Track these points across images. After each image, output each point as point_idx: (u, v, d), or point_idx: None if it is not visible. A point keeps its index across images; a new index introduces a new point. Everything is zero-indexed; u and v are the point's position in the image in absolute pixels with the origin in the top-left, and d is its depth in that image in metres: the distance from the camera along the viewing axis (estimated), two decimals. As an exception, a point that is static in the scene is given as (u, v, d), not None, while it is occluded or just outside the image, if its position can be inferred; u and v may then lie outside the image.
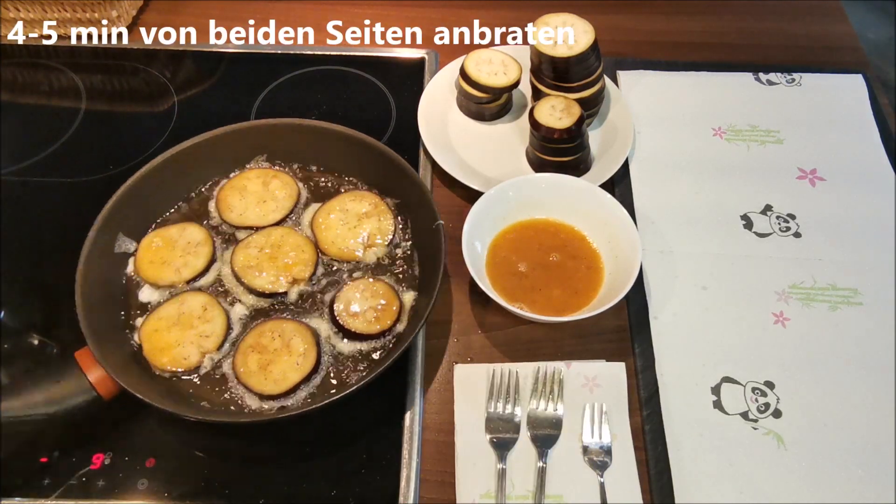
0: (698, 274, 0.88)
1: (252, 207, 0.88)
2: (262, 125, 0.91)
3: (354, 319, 0.78)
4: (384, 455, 0.74)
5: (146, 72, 1.12)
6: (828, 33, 1.19)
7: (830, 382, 0.79)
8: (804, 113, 1.06)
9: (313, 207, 0.89)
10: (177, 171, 0.87)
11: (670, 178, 0.98)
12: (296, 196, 0.90)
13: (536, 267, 0.86)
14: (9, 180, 0.98)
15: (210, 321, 0.78)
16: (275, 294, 0.81)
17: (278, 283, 0.81)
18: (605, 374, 0.79)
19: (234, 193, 0.89)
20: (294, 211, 0.89)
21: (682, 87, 1.09)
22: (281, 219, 0.88)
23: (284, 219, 0.88)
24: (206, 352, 0.77)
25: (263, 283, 0.81)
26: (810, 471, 0.73)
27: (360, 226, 0.86)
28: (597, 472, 0.73)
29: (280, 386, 0.73)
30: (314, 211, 0.88)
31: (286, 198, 0.89)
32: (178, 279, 0.82)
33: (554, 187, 0.89)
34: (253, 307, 0.81)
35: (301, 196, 0.90)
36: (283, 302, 0.81)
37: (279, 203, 0.89)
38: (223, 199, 0.89)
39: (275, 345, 0.76)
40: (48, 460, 0.73)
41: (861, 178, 0.98)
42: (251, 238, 0.85)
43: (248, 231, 0.87)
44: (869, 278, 0.87)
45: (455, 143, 1.02)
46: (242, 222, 0.87)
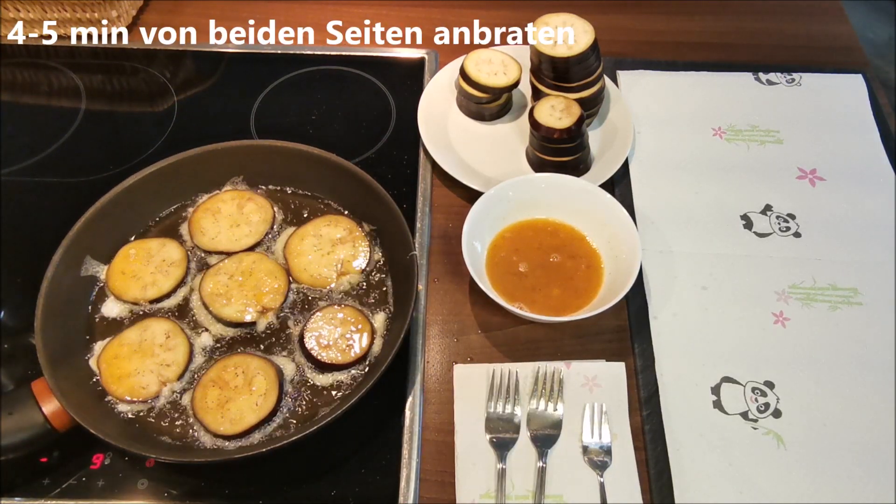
0: (698, 274, 0.88)
1: (225, 231, 0.87)
2: (237, 146, 0.90)
3: (328, 351, 0.76)
4: (384, 455, 0.74)
5: (146, 72, 1.12)
6: (828, 33, 1.19)
7: (830, 382, 0.79)
8: (804, 113, 1.06)
9: (287, 231, 0.88)
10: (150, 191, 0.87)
11: (670, 178, 0.98)
12: (270, 220, 0.88)
13: (536, 267, 0.86)
14: (9, 180, 0.98)
15: (172, 350, 0.77)
16: (242, 324, 0.80)
17: (246, 313, 0.79)
18: (604, 374, 0.79)
19: (208, 216, 0.87)
20: (267, 235, 0.87)
21: (682, 87, 1.09)
22: (254, 244, 0.86)
23: (258, 243, 0.87)
24: (167, 381, 0.75)
25: (231, 313, 0.79)
26: (810, 471, 0.73)
27: (333, 252, 0.84)
28: (597, 471, 0.73)
29: (236, 426, 0.71)
30: (288, 235, 0.87)
31: (260, 222, 0.88)
32: (142, 297, 0.81)
33: (554, 187, 0.89)
34: (220, 336, 0.80)
35: (276, 220, 0.89)
36: (251, 332, 0.80)
37: (253, 227, 0.87)
38: (196, 221, 0.87)
39: (236, 381, 0.74)
40: (48, 460, 0.73)
41: (861, 178, 0.98)
42: (222, 264, 0.83)
43: (220, 256, 0.85)
44: (869, 278, 0.87)
45: (455, 143, 1.02)
46: (214, 247, 0.86)
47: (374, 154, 1.01)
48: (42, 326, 0.73)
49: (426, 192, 0.96)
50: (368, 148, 1.02)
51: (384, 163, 1.00)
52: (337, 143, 0.96)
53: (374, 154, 1.01)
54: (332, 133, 1.04)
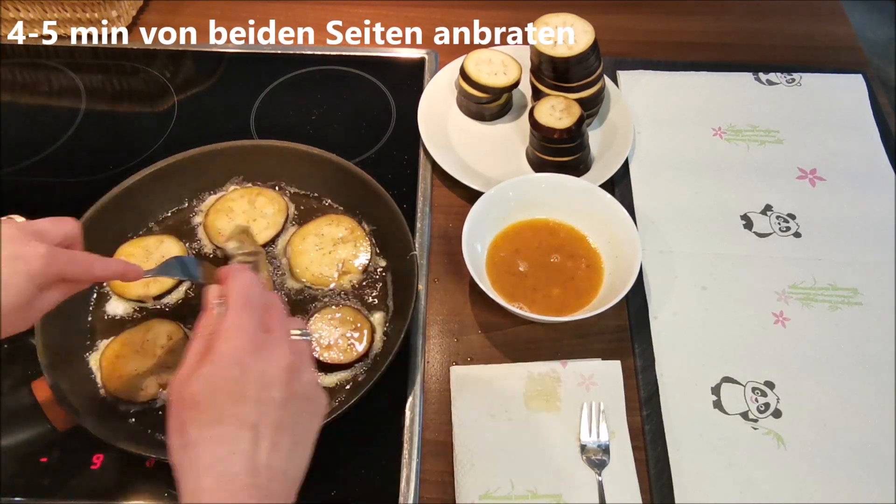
0: (698, 274, 0.88)
1: None
2: (237, 146, 0.90)
3: (329, 352, 0.77)
4: (384, 455, 0.74)
5: (146, 72, 1.12)
6: (828, 33, 1.19)
7: (830, 382, 0.79)
8: (804, 113, 1.06)
9: (289, 231, 0.88)
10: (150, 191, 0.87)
11: (670, 178, 0.98)
12: (285, 210, 0.89)
13: (536, 267, 0.86)
14: (9, 180, 0.98)
15: (173, 352, 0.77)
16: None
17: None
18: (601, 373, 0.79)
19: (221, 217, 0.88)
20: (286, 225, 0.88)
21: (682, 87, 1.09)
22: (275, 235, 0.87)
23: (278, 234, 0.87)
24: (165, 384, 0.75)
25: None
26: (810, 471, 0.73)
27: (335, 251, 0.85)
28: (595, 470, 0.73)
29: None
30: (290, 235, 0.87)
31: (276, 213, 0.88)
32: (145, 294, 0.81)
33: (554, 187, 0.89)
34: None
35: (289, 210, 0.89)
36: None
37: (270, 220, 0.88)
38: (210, 224, 0.87)
39: None
40: (48, 460, 0.72)
41: (861, 178, 0.98)
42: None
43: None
44: (869, 278, 0.87)
45: (455, 143, 1.02)
46: None
47: (374, 154, 1.01)
48: (42, 326, 0.73)
49: (426, 192, 0.96)
50: (368, 148, 1.02)
51: (384, 163, 1.00)
52: (337, 143, 0.96)
53: (374, 154, 1.01)
54: (332, 133, 1.04)
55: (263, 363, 0.49)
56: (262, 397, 0.48)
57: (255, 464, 0.46)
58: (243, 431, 0.47)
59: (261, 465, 0.47)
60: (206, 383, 0.48)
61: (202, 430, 0.47)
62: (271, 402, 0.49)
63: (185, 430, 0.47)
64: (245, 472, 0.46)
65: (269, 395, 0.49)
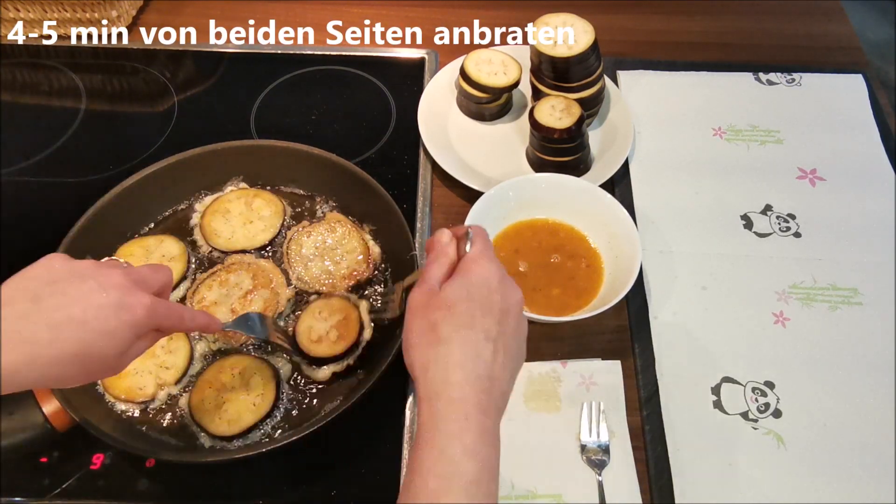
0: (698, 274, 0.88)
1: (239, 230, 0.87)
2: (237, 146, 0.90)
3: (319, 345, 0.77)
4: (384, 455, 0.74)
5: (146, 72, 1.12)
6: (828, 33, 1.19)
7: (830, 382, 0.79)
8: (804, 113, 1.06)
9: (287, 233, 0.88)
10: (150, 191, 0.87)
11: (670, 178, 0.98)
12: (282, 212, 0.89)
13: (536, 267, 0.86)
14: (9, 180, 0.98)
15: (173, 352, 0.77)
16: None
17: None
18: (601, 373, 0.79)
19: (217, 218, 0.87)
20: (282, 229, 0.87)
21: (682, 87, 1.09)
22: (272, 237, 0.87)
23: (275, 237, 0.87)
24: (164, 384, 0.75)
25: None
26: (810, 471, 0.73)
27: (334, 252, 0.85)
28: (595, 470, 0.73)
29: (234, 427, 0.72)
30: (289, 237, 0.87)
31: (273, 215, 0.88)
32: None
33: (554, 187, 0.89)
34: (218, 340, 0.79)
35: (286, 212, 0.89)
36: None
37: (266, 222, 0.88)
38: (207, 225, 0.87)
39: (233, 382, 0.74)
40: (48, 460, 0.72)
41: (861, 178, 0.98)
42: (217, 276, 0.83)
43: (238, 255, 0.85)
44: (869, 278, 0.87)
45: (455, 143, 1.02)
46: (232, 247, 0.86)
47: (374, 154, 1.01)
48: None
49: (426, 192, 0.96)
50: (368, 148, 1.02)
51: (384, 163, 1.00)
52: (337, 143, 0.96)
53: (374, 154, 1.01)
54: (332, 133, 1.04)
55: (505, 292, 0.56)
56: (501, 320, 0.54)
57: (492, 373, 0.52)
58: (488, 343, 0.53)
59: (496, 377, 0.52)
60: (462, 290, 0.54)
61: (456, 331, 0.52)
62: (508, 326, 0.55)
63: (436, 328, 0.53)
64: (486, 377, 0.52)
65: (506, 320, 0.55)
